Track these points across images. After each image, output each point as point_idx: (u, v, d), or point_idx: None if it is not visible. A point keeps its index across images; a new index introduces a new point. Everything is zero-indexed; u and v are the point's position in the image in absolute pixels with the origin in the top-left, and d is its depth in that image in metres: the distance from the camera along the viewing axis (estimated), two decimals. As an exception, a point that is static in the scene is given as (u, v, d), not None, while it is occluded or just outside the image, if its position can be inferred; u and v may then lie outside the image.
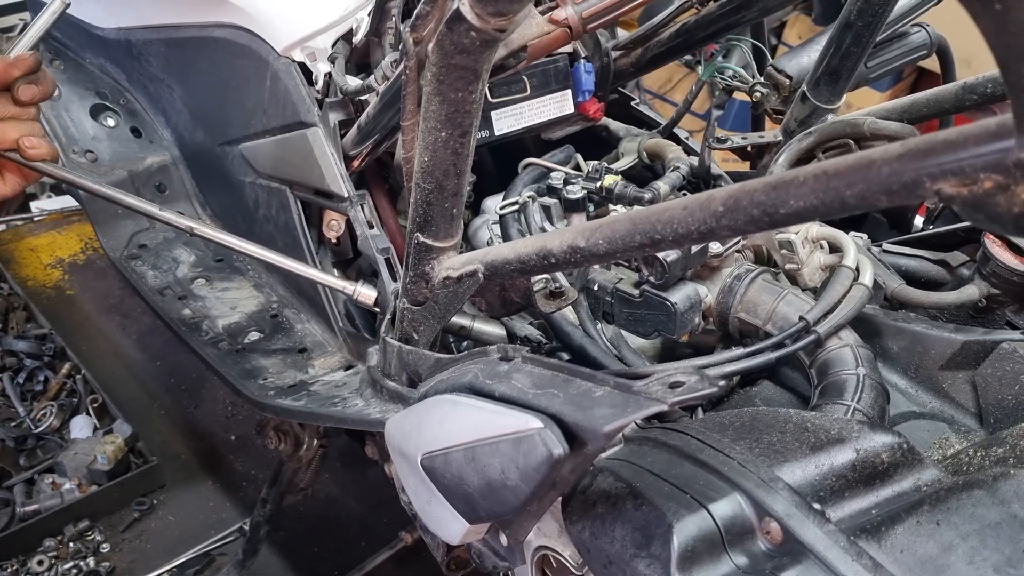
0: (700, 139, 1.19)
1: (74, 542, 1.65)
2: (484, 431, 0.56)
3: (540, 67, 1.06)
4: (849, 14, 0.92)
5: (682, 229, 0.50)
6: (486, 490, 0.56)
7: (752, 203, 0.46)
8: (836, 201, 0.42)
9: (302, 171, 1.12)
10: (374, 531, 1.68)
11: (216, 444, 1.91)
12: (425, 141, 0.66)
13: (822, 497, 0.57)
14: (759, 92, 1.08)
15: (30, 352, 2.03)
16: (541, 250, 0.61)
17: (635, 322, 0.83)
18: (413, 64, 0.66)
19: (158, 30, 1.37)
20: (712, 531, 0.54)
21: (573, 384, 0.54)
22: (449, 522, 0.63)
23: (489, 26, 0.54)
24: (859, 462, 0.59)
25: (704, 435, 0.61)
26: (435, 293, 0.75)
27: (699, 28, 1.06)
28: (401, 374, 0.81)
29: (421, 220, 0.72)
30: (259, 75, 1.16)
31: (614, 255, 0.56)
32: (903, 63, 1.16)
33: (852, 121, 0.95)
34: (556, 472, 0.51)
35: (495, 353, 0.65)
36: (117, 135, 1.52)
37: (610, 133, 1.22)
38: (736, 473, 0.56)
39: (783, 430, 0.62)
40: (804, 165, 1.00)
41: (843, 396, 0.70)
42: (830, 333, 0.75)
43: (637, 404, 0.49)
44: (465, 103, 0.63)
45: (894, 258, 0.93)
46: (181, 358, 2.10)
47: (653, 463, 0.60)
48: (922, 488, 0.59)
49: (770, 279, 0.83)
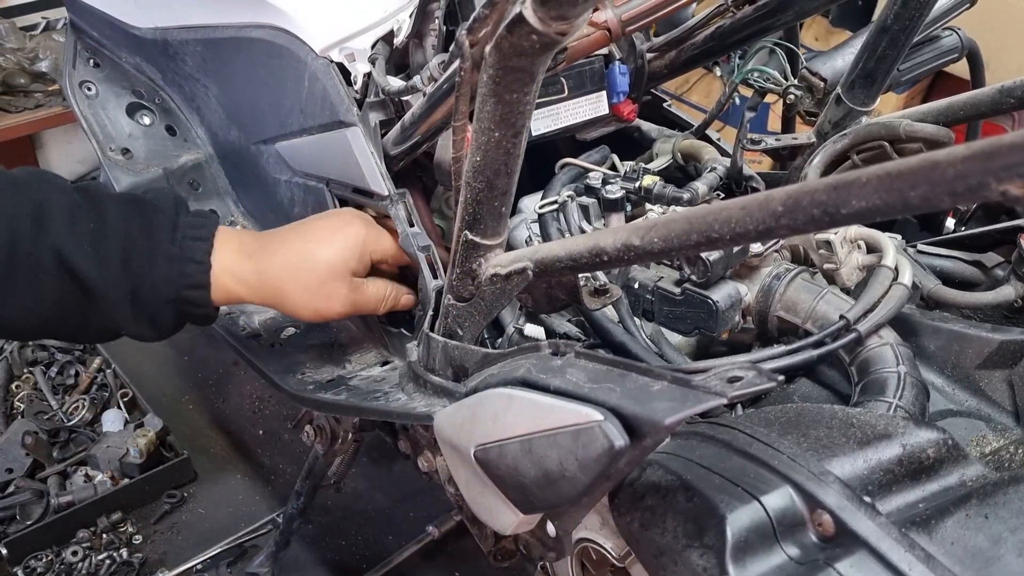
0: (729, 139, 1.20)
1: (107, 533, 1.68)
2: (542, 423, 0.57)
3: (576, 68, 1.07)
4: (886, 18, 0.93)
5: (740, 228, 0.51)
6: (543, 481, 0.58)
7: (813, 203, 0.47)
8: (899, 202, 0.43)
9: (341, 170, 1.14)
10: (400, 525, 1.71)
11: (244, 438, 1.94)
12: (478, 141, 0.68)
13: (870, 491, 0.58)
14: (793, 94, 1.09)
15: (61, 346, 2.07)
16: (594, 248, 0.63)
17: (675, 319, 0.85)
18: (468, 66, 0.67)
19: (195, 30, 1.39)
20: (764, 522, 0.55)
21: (629, 379, 0.56)
22: (502, 513, 0.65)
23: (551, 29, 0.55)
24: (905, 457, 0.60)
25: (752, 430, 0.62)
26: (482, 290, 0.77)
27: (734, 31, 1.07)
28: (446, 369, 0.83)
29: (470, 218, 0.74)
30: (297, 75, 1.17)
31: (668, 253, 0.57)
32: (934, 66, 1.17)
33: (887, 124, 0.96)
34: (615, 464, 0.53)
35: (546, 348, 0.66)
36: (152, 133, 1.54)
37: (642, 134, 1.23)
38: (786, 467, 0.58)
39: (829, 425, 0.63)
40: (838, 167, 1.03)
41: (885, 393, 0.72)
42: (871, 331, 0.76)
43: (696, 398, 0.50)
44: (520, 104, 0.64)
45: (929, 258, 0.94)
46: (207, 353, 2.13)
47: (702, 457, 0.62)
48: (967, 483, 0.60)
49: (809, 279, 0.84)
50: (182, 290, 0.91)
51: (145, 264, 0.89)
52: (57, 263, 0.86)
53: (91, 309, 0.89)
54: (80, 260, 0.86)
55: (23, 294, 0.86)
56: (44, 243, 0.85)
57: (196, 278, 0.91)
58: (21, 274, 0.85)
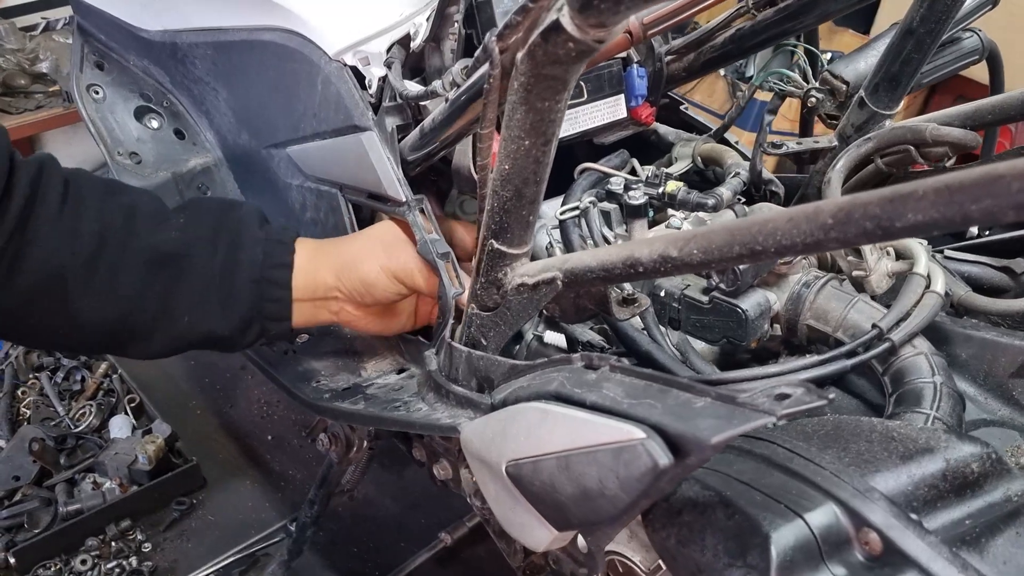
0: (744, 143, 1.19)
1: (116, 541, 1.67)
2: (580, 440, 0.56)
3: (595, 72, 1.06)
4: (911, 20, 0.92)
5: (786, 241, 0.50)
6: (580, 499, 0.57)
7: (865, 215, 0.46)
8: (959, 215, 0.42)
9: (355, 175, 1.12)
10: (412, 532, 1.69)
11: (253, 444, 1.93)
12: (507, 149, 0.66)
13: (915, 507, 0.57)
14: (814, 97, 1.08)
15: (67, 352, 2.05)
16: (628, 258, 0.61)
17: (703, 328, 0.84)
18: (497, 73, 0.66)
19: (205, 33, 1.38)
20: (809, 541, 0.54)
21: (671, 395, 0.55)
22: (535, 529, 0.63)
23: (588, 37, 0.54)
24: (949, 472, 0.59)
25: (792, 444, 0.61)
26: (507, 299, 0.76)
27: (754, 34, 1.06)
28: (470, 379, 0.81)
29: (496, 227, 0.72)
30: (309, 79, 1.16)
31: (709, 265, 0.56)
32: (955, 68, 1.16)
33: (913, 128, 0.95)
34: (658, 483, 0.51)
35: (579, 361, 0.65)
36: (161, 137, 1.53)
37: (659, 137, 1.22)
38: (829, 483, 0.56)
39: (869, 439, 0.62)
40: (861, 170, 1.01)
41: (921, 404, 0.70)
42: (904, 341, 0.75)
43: (744, 416, 0.49)
44: (551, 112, 0.63)
45: (957, 264, 0.92)
46: (215, 358, 2.12)
47: (741, 471, 0.61)
48: (1013, 499, 0.59)
49: (838, 286, 0.83)
50: (266, 270, 0.94)
51: (233, 243, 0.93)
52: (144, 256, 0.89)
53: (169, 298, 0.91)
54: (167, 243, 0.90)
55: (103, 285, 0.87)
56: (133, 239, 0.89)
57: (280, 258, 0.95)
58: (103, 269, 0.87)
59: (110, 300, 0.88)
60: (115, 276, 0.88)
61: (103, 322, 0.89)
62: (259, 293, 0.95)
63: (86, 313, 0.88)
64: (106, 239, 0.87)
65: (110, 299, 0.88)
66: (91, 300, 0.87)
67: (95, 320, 0.88)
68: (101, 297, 0.87)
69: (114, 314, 0.89)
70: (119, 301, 0.88)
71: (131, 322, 0.90)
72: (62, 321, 0.88)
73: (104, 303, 0.88)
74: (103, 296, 0.88)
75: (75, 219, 0.87)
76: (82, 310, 0.87)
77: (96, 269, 0.87)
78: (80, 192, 0.89)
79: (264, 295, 0.95)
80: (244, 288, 0.94)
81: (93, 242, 0.86)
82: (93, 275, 0.86)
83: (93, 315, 0.88)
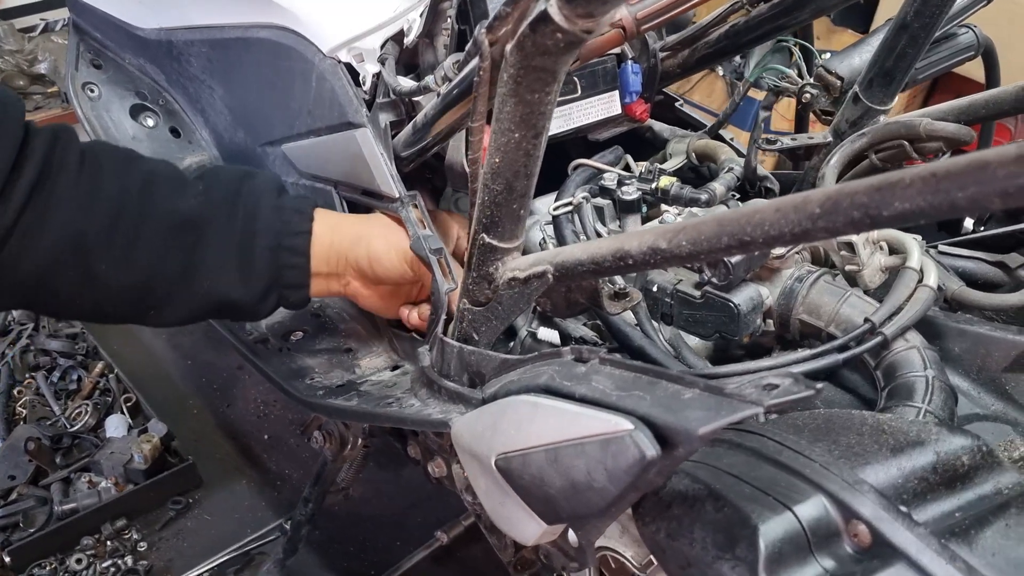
0: (739, 140, 1.19)
1: (112, 540, 1.66)
2: (568, 432, 0.55)
3: (589, 68, 1.06)
4: (905, 15, 0.92)
5: (774, 231, 0.49)
6: (569, 492, 0.56)
7: (853, 205, 0.45)
8: (946, 203, 0.42)
9: (349, 172, 1.12)
10: (409, 531, 1.69)
11: (250, 443, 1.92)
12: (497, 142, 0.66)
13: (905, 499, 0.56)
14: (809, 93, 1.08)
15: (63, 351, 2.05)
16: (618, 251, 0.61)
17: (695, 323, 0.83)
18: (487, 65, 0.66)
19: (200, 30, 1.38)
20: (798, 533, 0.54)
21: (659, 386, 0.54)
22: (525, 523, 0.63)
23: (577, 27, 0.54)
24: (939, 464, 0.59)
25: (782, 437, 0.61)
26: (499, 294, 0.75)
27: (748, 30, 1.06)
28: (461, 375, 0.81)
29: (487, 221, 0.72)
30: (304, 76, 1.16)
31: (697, 257, 0.56)
32: (950, 64, 1.16)
33: (907, 123, 0.95)
34: (646, 475, 0.51)
35: (569, 354, 0.65)
36: (156, 135, 1.53)
37: (654, 134, 1.22)
38: (819, 475, 0.56)
39: (860, 432, 0.62)
40: (856, 166, 1.01)
41: (913, 398, 0.70)
42: (896, 335, 0.75)
43: (731, 407, 0.48)
44: (541, 104, 0.63)
45: (951, 259, 0.92)
46: (212, 357, 2.11)
47: (731, 465, 0.60)
48: (1003, 491, 0.59)
49: (831, 281, 0.83)
50: (284, 237, 0.95)
51: (251, 210, 0.94)
52: (163, 220, 0.89)
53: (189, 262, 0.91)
54: (187, 208, 0.91)
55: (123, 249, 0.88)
56: (152, 204, 0.89)
57: (299, 225, 0.96)
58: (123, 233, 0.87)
59: (130, 264, 0.88)
60: (135, 240, 0.88)
61: (124, 287, 0.89)
62: (277, 260, 0.95)
63: (107, 277, 0.87)
64: (125, 204, 0.88)
65: (130, 263, 0.88)
66: (112, 264, 0.87)
67: (116, 285, 0.88)
68: (121, 261, 0.88)
69: (135, 278, 0.89)
70: (139, 265, 0.89)
71: (151, 287, 0.90)
72: (83, 287, 0.88)
73: (125, 267, 0.88)
74: (123, 260, 0.88)
75: (94, 184, 0.87)
76: (103, 274, 0.87)
77: (116, 233, 0.87)
78: (98, 159, 0.89)
79: (282, 262, 0.96)
80: (263, 254, 0.94)
81: (112, 206, 0.87)
82: (113, 239, 0.87)
83: (114, 280, 0.88)
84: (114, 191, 0.88)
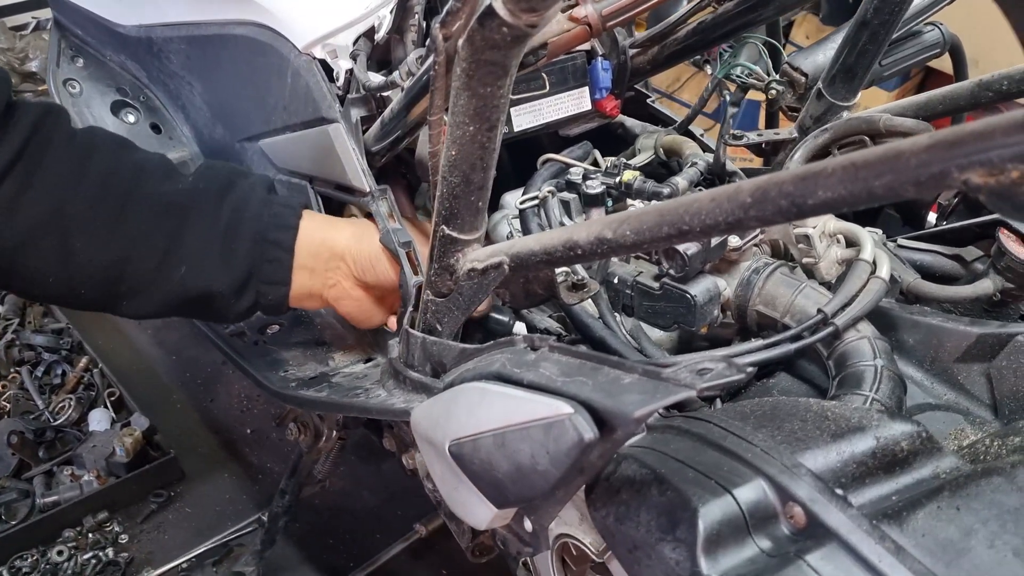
0: (715, 136, 1.20)
1: (93, 533, 1.67)
2: (514, 417, 0.57)
3: (558, 64, 1.07)
4: (866, 12, 0.93)
5: (710, 220, 0.51)
6: (515, 475, 0.58)
7: (780, 194, 0.47)
8: (864, 191, 0.43)
9: (323, 167, 1.13)
10: (388, 523, 1.70)
11: (232, 437, 1.93)
12: (453, 135, 0.67)
13: (843, 483, 0.58)
14: (775, 89, 1.09)
15: (48, 346, 2.06)
16: (567, 241, 0.62)
17: (655, 315, 0.85)
18: (442, 60, 0.67)
19: (179, 27, 1.39)
20: (736, 515, 0.55)
21: (601, 372, 0.56)
22: (477, 508, 0.65)
23: (521, 22, 0.55)
24: (879, 450, 0.60)
25: (727, 423, 0.62)
26: (460, 285, 0.77)
27: (716, 26, 1.07)
28: (425, 365, 0.82)
29: (447, 213, 0.74)
30: (280, 72, 1.17)
31: (641, 246, 0.57)
32: (916, 61, 1.18)
33: (868, 118, 0.96)
34: (586, 457, 0.52)
35: (522, 343, 0.66)
36: (137, 131, 1.53)
37: (626, 130, 1.23)
38: (759, 460, 0.58)
39: (804, 418, 0.63)
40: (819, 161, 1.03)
41: (861, 387, 0.72)
42: (848, 325, 0.76)
43: (666, 390, 0.50)
44: (493, 98, 0.64)
45: (909, 253, 0.94)
46: (196, 352, 2.12)
47: (677, 450, 0.62)
48: (941, 476, 0.60)
49: (787, 273, 0.84)
50: (270, 231, 0.96)
51: (239, 202, 0.95)
52: (149, 202, 0.90)
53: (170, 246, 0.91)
54: (175, 194, 0.92)
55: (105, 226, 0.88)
56: (140, 188, 0.90)
57: (285, 220, 0.97)
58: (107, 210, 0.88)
59: (109, 243, 0.88)
60: (117, 218, 0.88)
61: (99, 267, 0.89)
62: (259, 252, 0.95)
63: (83, 254, 0.87)
64: (113, 184, 0.88)
65: (109, 242, 0.88)
66: (89, 241, 0.87)
67: (92, 264, 0.88)
68: (100, 239, 0.88)
69: (112, 257, 0.89)
70: (118, 244, 0.89)
71: (129, 269, 0.90)
72: (59, 264, 0.87)
73: (103, 246, 0.88)
74: (103, 238, 0.88)
75: (83, 161, 0.88)
76: (79, 251, 0.87)
77: (100, 210, 0.87)
78: (93, 140, 0.90)
79: (264, 255, 0.96)
80: (245, 245, 0.94)
81: (100, 184, 0.87)
82: (96, 215, 0.87)
83: (90, 257, 0.88)
84: (103, 170, 0.88)
